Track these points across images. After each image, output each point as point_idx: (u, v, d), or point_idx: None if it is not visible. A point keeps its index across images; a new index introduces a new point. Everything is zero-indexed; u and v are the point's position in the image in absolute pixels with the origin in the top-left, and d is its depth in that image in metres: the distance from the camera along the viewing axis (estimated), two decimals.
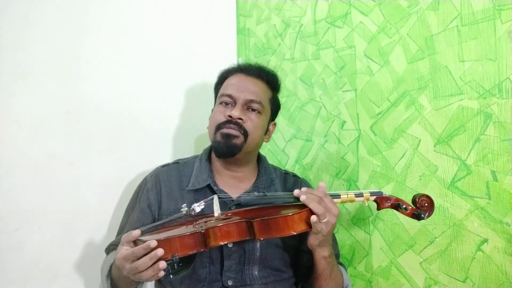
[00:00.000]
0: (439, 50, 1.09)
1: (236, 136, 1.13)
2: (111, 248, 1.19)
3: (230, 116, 1.14)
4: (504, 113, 0.97)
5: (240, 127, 1.14)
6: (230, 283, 1.09)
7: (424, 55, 1.12)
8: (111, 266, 1.07)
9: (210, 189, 1.17)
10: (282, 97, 1.59)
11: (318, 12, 1.44)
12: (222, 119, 1.15)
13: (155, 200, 1.18)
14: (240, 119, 1.14)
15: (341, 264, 1.20)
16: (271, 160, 1.56)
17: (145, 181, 1.23)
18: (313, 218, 0.94)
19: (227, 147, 1.13)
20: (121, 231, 1.20)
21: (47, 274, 1.31)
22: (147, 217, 1.16)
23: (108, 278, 1.07)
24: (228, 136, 1.13)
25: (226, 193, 1.17)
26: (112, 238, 1.30)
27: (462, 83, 1.04)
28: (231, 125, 1.13)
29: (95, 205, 1.39)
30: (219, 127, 1.15)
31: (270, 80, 1.24)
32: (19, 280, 1.26)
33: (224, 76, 1.25)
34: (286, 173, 1.31)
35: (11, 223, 1.26)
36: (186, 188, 1.17)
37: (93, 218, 1.39)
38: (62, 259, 1.33)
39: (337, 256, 1.20)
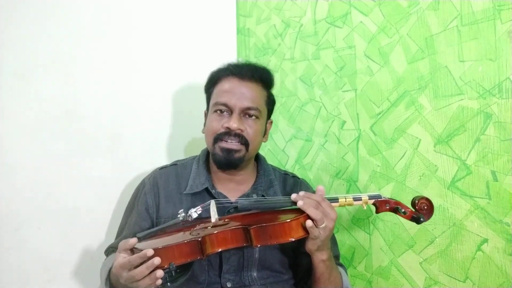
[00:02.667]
0: (439, 50, 1.09)
1: (237, 150, 1.12)
2: (110, 250, 1.18)
3: (228, 128, 1.11)
4: (504, 113, 0.97)
5: (241, 138, 1.12)
6: (229, 285, 1.09)
7: (424, 55, 1.12)
8: (109, 270, 1.07)
9: (208, 193, 1.16)
10: (282, 97, 1.59)
11: (318, 12, 1.44)
12: (219, 129, 1.12)
13: (153, 203, 1.17)
14: (239, 129, 1.11)
15: (341, 265, 1.20)
16: (271, 160, 1.56)
17: (143, 184, 1.22)
18: (309, 223, 0.93)
19: (229, 161, 1.12)
20: (120, 232, 1.20)
21: (47, 274, 1.31)
22: (145, 220, 1.16)
23: (107, 282, 1.06)
24: (229, 151, 1.11)
25: (225, 196, 1.16)
26: (112, 238, 1.29)
27: (462, 83, 1.04)
28: (231, 137, 1.11)
29: (94, 206, 1.39)
30: (217, 138, 1.13)
31: (264, 79, 1.19)
32: (19, 280, 1.26)
33: (215, 79, 1.19)
34: (285, 173, 1.30)
35: (12, 223, 1.26)
36: (184, 192, 1.16)
37: (92, 219, 1.39)
38: (62, 259, 1.33)
39: (336, 257, 1.20)
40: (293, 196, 1.00)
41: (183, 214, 1.02)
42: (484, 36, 1.00)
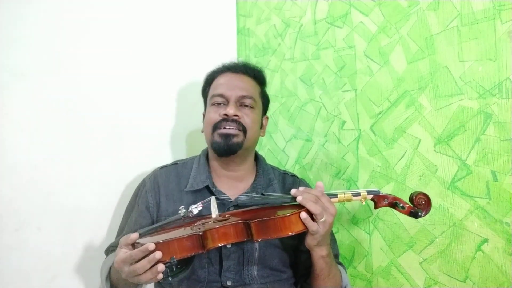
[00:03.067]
0: (439, 50, 1.09)
1: (235, 135, 1.14)
2: (111, 249, 1.19)
3: (225, 115, 1.14)
4: (504, 113, 0.97)
5: (238, 123, 1.14)
6: (229, 283, 1.09)
7: (424, 55, 1.12)
8: (110, 268, 1.07)
9: (209, 190, 1.17)
10: (282, 97, 1.59)
11: (318, 12, 1.44)
12: (217, 118, 1.15)
13: (153, 202, 1.17)
14: (236, 115, 1.14)
15: (340, 264, 1.20)
16: (271, 160, 1.56)
17: (143, 183, 1.23)
18: (303, 215, 0.94)
19: (228, 146, 1.13)
20: (121, 232, 1.20)
21: (47, 274, 1.31)
22: (145, 219, 1.16)
23: (108, 280, 1.06)
24: (227, 136, 1.13)
25: (225, 194, 1.17)
26: (112, 238, 1.30)
27: (462, 83, 1.04)
28: (229, 123, 1.14)
29: (95, 205, 1.39)
30: (216, 126, 1.15)
31: (257, 75, 1.25)
32: (19, 280, 1.26)
33: (211, 78, 1.25)
34: (284, 173, 1.30)
35: (11, 223, 1.26)
36: (185, 190, 1.17)
37: (92, 219, 1.39)
38: (62, 259, 1.33)
39: (336, 256, 1.20)
40: (293, 191, 1.01)
41: (184, 210, 1.03)
42: (484, 36, 1.00)
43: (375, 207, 1.05)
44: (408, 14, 1.15)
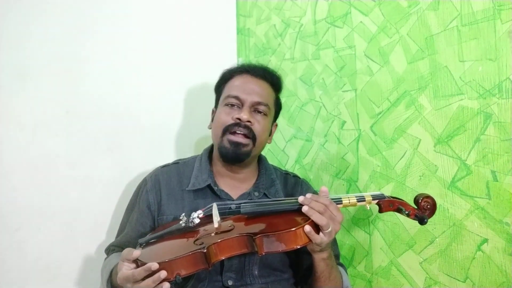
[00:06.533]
0: (439, 50, 1.09)
1: (245, 145, 1.13)
2: (111, 249, 1.19)
3: (238, 119, 1.13)
4: (504, 113, 0.97)
5: (249, 131, 1.13)
6: (230, 283, 1.09)
7: (424, 55, 1.12)
8: (111, 271, 1.06)
9: (211, 189, 1.17)
10: (282, 97, 1.57)
11: (318, 12, 1.44)
12: (229, 121, 1.14)
13: (154, 201, 1.17)
14: (249, 121, 1.13)
15: (341, 264, 1.20)
16: (271, 160, 1.56)
17: (144, 182, 1.23)
18: (307, 228, 0.92)
19: (236, 154, 1.13)
20: (121, 231, 1.20)
21: (47, 274, 1.31)
22: (146, 218, 1.16)
23: (109, 283, 1.06)
24: (237, 145, 1.12)
25: (227, 193, 1.17)
26: (112, 238, 1.30)
27: (462, 83, 1.04)
28: (241, 129, 1.12)
29: (95, 205, 1.39)
30: (226, 129, 1.14)
31: (275, 82, 1.23)
32: (19, 280, 1.26)
33: (227, 76, 1.23)
34: (286, 173, 1.30)
35: (12, 223, 1.26)
36: (186, 188, 1.17)
37: (93, 218, 1.39)
38: (62, 259, 1.33)
39: (336, 256, 1.20)
40: (301, 199, 0.98)
41: (185, 219, 1.01)
42: (484, 36, 1.00)
43: (380, 211, 1.02)
44: (408, 14, 1.15)
